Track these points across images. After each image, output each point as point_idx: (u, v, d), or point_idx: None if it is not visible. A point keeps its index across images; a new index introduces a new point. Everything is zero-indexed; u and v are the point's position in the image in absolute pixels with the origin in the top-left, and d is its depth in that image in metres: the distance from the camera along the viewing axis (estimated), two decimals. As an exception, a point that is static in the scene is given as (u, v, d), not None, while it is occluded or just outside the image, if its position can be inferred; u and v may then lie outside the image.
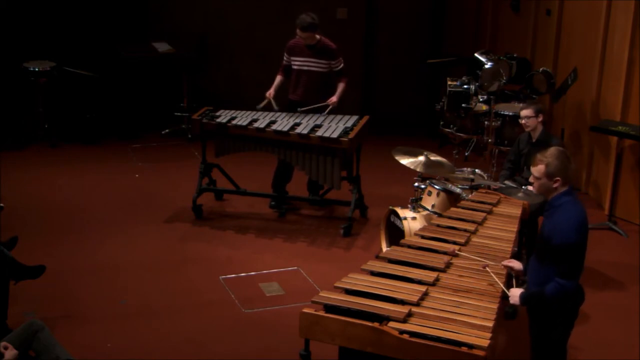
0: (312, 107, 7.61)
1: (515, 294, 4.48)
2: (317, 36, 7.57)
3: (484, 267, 4.77)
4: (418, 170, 6.72)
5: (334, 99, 7.61)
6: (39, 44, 9.53)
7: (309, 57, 7.59)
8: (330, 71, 7.63)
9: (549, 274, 4.37)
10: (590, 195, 8.54)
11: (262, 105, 7.70)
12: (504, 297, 4.59)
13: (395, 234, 6.65)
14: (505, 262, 4.82)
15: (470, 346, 3.93)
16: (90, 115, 9.74)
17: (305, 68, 7.62)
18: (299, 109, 7.60)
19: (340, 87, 7.67)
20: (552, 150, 4.51)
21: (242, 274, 6.71)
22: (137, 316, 6.01)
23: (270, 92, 7.72)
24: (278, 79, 7.83)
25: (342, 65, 7.68)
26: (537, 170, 4.48)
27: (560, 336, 4.55)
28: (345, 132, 7.23)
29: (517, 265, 4.80)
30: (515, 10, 9.70)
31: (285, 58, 7.76)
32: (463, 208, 6.00)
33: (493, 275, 4.70)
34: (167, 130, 10.04)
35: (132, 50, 9.82)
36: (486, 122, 8.36)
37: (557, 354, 4.58)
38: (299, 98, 7.71)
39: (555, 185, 4.44)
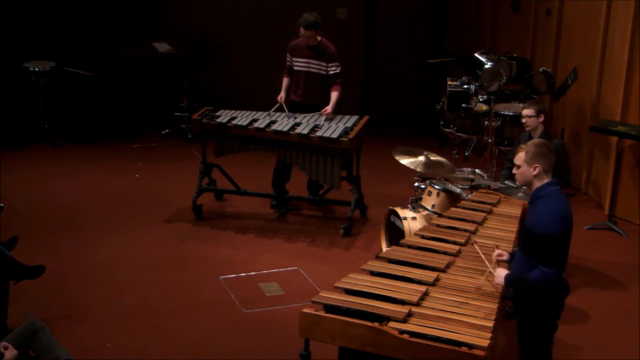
0: (313, 115, 7.57)
1: (500, 274, 4.50)
2: (319, 37, 7.58)
3: (473, 244, 4.86)
4: (418, 170, 6.73)
5: (328, 109, 7.53)
6: (39, 44, 9.52)
7: (310, 58, 7.59)
8: (327, 73, 7.61)
9: (533, 264, 4.36)
10: (590, 195, 8.54)
11: (274, 108, 7.69)
12: (504, 297, 4.58)
13: (395, 234, 6.65)
14: (497, 257, 4.79)
15: (470, 346, 3.93)
16: (90, 115, 9.74)
17: (306, 69, 7.62)
18: (295, 115, 7.57)
19: (334, 96, 7.56)
20: (534, 140, 4.62)
21: (242, 274, 6.71)
22: (137, 316, 6.01)
23: (282, 96, 7.72)
24: (285, 81, 7.82)
25: (338, 70, 7.59)
26: (518, 157, 4.54)
27: (547, 328, 4.54)
28: (345, 132, 7.23)
29: (507, 257, 4.80)
30: (515, 10, 9.70)
31: (288, 59, 7.76)
32: (463, 208, 6.00)
33: (480, 252, 4.77)
34: (167, 130, 10.04)
35: (132, 50, 9.81)
36: (486, 122, 8.36)
37: (542, 346, 4.57)
38: (299, 99, 7.71)
39: (535, 172, 4.45)
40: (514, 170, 4.62)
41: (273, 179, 7.92)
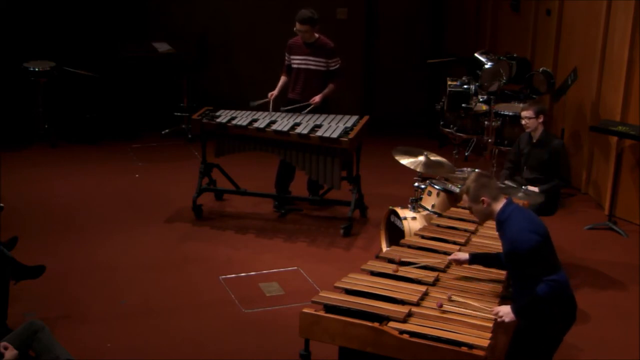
0: (294, 106, 7.62)
1: (507, 310, 4.34)
2: (316, 35, 7.58)
3: (441, 304, 4.41)
4: (418, 170, 6.73)
5: (316, 98, 7.59)
6: (39, 44, 9.52)
7: (308, 55, 7.60)
8: (327, 70, 7.63)
9: (531, 282, 4.31)
10: (590, 195, 8.54)
11: (257, 103, 7.72)
12: (504, 297, 4.58)
13: (395, 234, 6.65)
14: (451, 257, 4.82)
15: (470, 346, 3.94)
16: (90, 115, 9.74)
17: (304, 66, 7.63)
18: (281, 109, 7.61)
19: (329, 87, 7.65)
20: (470, 176, 4.55)
21: (242, 274, 6.71)
22: (137, 316, 6.01)
23: (273, 93, 7.73)
24: (282, 79, 7.83)
25: (338, 65, 7.66)
26: (464, 201, 4.53)
27: (553, 342, 4.54)
28: (345, 132, 7.23)
29: (462, 256, 4.79)
30: (515, 10, 9.70)
31: (286, 57, 7.77)
32: (463, 208, 5.99)
33: (464, 301, 4.47)
34: (167, 130, 10.04)
35: (132, 50, 9.81)
36: (486, 122, 8.36)
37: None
38: (297, 97, 7.71)
39: (484, 205, 4.42)
40: (469, 213, 4.60)
41: (276, 180, 7.92)
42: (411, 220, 6.50)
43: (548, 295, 4.29)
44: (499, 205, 4.43)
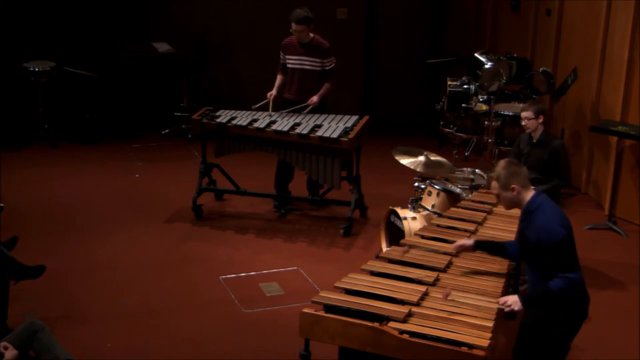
0: (293, 108, 7.59)
1: (515, 299, 4.38)
2: (311, 34, 7.58)
3: (447, 295, 4.48)
4: (418, 170, 6.73)
5: (314, 98, 7.57)
6: (39, 44, 9.53)
7: (303, 55, 7.60)
8: (323, 70, 7.62)
9: (548, 275, 4.34)
10: (590, 195, 8.54)
11: (258, 105, 7.72)
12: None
13: (395, 234, 6.65)
14: (456, 243, 4.88)
15: (470, 346, 3.93)
16: (90, 115, 9.74)
17: (299, 67, 7.63)
18: (281, 112, 7.58)
19: (325, 87, 7.63)
20: (500, 163, 4.57)
21: (242, 274, 6.72)
22: (137, 316, 6.01)
23: (272, 93, 7.73)
24: (279, 78, 7.83)
25: (333, 65, 7.65)
26: (493, 187, 4.53)
27: (565, 336, 4.54)
28: (345, 132, 7.23)
29: (467, 242, 4.85)
30: (515, 10, 9.70)
31: (281, 57, 7.77)
32: (463, 208, 6.01)
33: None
34: (167, 130, 10.04)
35: (132, 50, 9.82)
36: (486, 122, 8.36)
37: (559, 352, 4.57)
38: (294, 97, 7.71)
39: (514, 193, 4.44)
40: (496, 201, 4.61)
41: (275, 181, 7.92)
42: (411, 220, 6.50)
43: (561, 291, 4.30)
44: (528, 195, 4.44)
